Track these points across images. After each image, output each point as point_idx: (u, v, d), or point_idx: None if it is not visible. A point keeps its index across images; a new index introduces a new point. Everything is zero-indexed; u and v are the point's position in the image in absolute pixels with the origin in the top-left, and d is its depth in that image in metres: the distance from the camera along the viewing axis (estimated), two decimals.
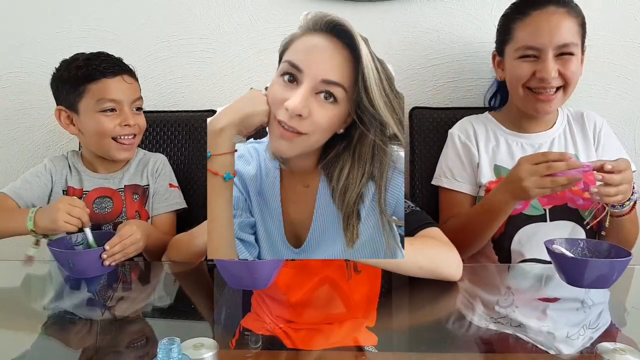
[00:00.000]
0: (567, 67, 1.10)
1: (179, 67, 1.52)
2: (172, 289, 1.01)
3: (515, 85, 1.16)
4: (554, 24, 1.09)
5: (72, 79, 1.17)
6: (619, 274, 0.82)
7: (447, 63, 1.46)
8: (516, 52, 1.14)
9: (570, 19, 1.10)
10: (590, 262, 0.83)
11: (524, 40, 1.12)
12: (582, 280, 0.82)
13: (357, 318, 0.82)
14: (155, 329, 0.80)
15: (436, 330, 0.80)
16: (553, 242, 0.89)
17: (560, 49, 1.10)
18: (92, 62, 1.17)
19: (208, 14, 1.49)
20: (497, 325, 0.77)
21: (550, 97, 1.12)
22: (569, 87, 1.12)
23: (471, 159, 1.22)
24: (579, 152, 1.20)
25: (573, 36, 1.10)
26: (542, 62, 1.10)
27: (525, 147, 1.21)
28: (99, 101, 1.16)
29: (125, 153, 1.22)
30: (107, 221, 1.22)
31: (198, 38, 1.50)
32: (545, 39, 1.09)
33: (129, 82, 1.20)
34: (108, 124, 1.17)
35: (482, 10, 1.42)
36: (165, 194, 1.27)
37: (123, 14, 1.51)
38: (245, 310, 0.86)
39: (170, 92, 1.54)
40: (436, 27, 1.44)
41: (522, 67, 1.13)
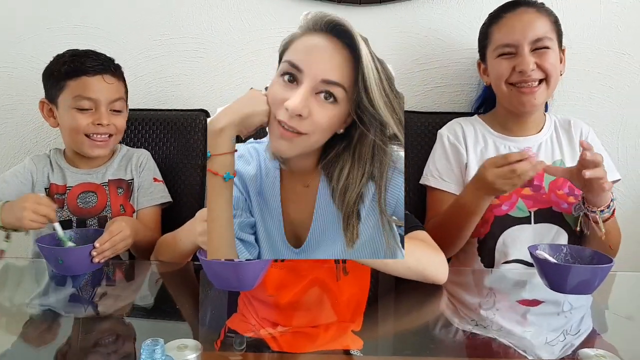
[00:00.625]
0: (544, 59, 1.15)
1: (170, 65, 1.52)
2: (156, 289, 1.01)
3: (498, 84, 1.20)
4: (526, 21, 1.16)
5: (55, 73, 1.19)
6: (601, 280, 0.83)
7: (435, 69, 1.47)
8: (494, 51, 1.20)
9: (541, 17, 1.17)
10: (572, 268, 0.84)
11: (500, 39, 1.19)
12: (565, 286, 0.84)
13: (343, 322, 0.82)
14: (138, 329, 0.79)
15: (421, 335, 0.81)
16: (537, 247, 0.91)
17: (535, 44, 1.15)
18: (77, 59, 1.19)
19: (200, 13, 1.48)
20: (480, 330, 0.78)
21: (534, 89, 1.16)
22: (550, 79, 1.16)
23: (459, 159, 1.24)
24: (565, 157, 1.22)
25: (546, 32, 1.16)
26: (519, 56, 1.15)
27: (513, 151, 1.19)
28: (75, 98, 1.17)
29: (98, 150, 1.22)
30: (91, 215, 1.23)
31: (190, 37, 1.50)
32: (519, 35, 1.15)
33: (109, 82, 1.20)
34: (81, 121, 1.18)
35: (470, 17, 1.44)
36: (149, 187, 1.28)
37: (114, 12, 1.50)
38: (230, 311, 0.86)
39: (160, 91, 1.53)
40: (425, 33, 1.46)
41: (501, 64, 1.18)
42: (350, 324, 0.81)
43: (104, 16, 1.50)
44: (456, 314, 0.86)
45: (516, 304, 0.92)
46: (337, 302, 0.90)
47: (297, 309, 0.87)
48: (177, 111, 1.47)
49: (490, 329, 0.77)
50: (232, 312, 0.85)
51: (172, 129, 1.43)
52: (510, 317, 0.83)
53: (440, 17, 1.45)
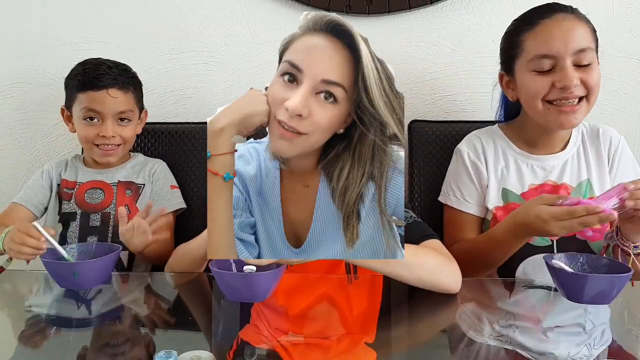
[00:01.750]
0: (589, 74, 1.02)
1: (181, 79, 1.54)
2: (170, 299, 1.01)
3: (532, 102, 1.07)
4: (566, 29, 1.02)
5: (70, 84, 1.27)
6: (619, 289, 0.81)
7: (445, 77, 1.47)
8: (529, 64, 1.05)
9: (582, 25, 1.04)
10: (590, 278, 0.82)
11: (536, 49, 1.04)
12: (582, 296, 0.82)
13: (356, 334, 0.81)
14: (152, 340, 0.79)
15: (436, 347, 0.79)
16: (552, 257, 0.89)
17: (577, 55, 1.02)
18: (89, 73, 1.24)
19: (210, 27, 1.50)
20: (498, 342, 0.76)
21: (575, 107, 1.04)
22: (592, 96, 1.04)
23: (481, 179, 1.17)
24: (592, 176, 1.14)
25: (588, 41, 1.03)
26: (560, 70, 1.02)
27: (536, 170, 1.15)
28: (83, 109, 1.24)
29: (106, 158, 1.29)
30: (96, 210, 1.27)
31: (200, 51, 1.52)
32: (561, 44, 1.01)
33: (114, 96, 1.24)
34: (88, 133, 1.25)
35: (480, 25, 1.44)
36: (166, 195, 1.31)
37: (125, 27, 1.52)
38: (243, 321, 0.86)
39: (171, 104, 1.55)
40: (434, 42, 1.46)
41: (538, 80, 1.04)
42: (363, 335, 0.80)
43: (115, 31, 1.53)
44: (473, 326, 0.84)
45: (536, 316, 0.90)
46: (350, 310, 0.89)
47: (309, 319, 0.86)
48: (189, 124, 1.48)
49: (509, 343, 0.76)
50: (245, 322, 0.85)
51: (184, 142, 1.44)
52: (529, 331, 0.81)
53: (450, 26, 1.45)
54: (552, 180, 1.14)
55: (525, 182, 1.15)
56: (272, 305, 0.87)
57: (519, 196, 1.14)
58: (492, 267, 1.10)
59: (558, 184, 1.13)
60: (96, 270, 0.94)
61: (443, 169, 1.29)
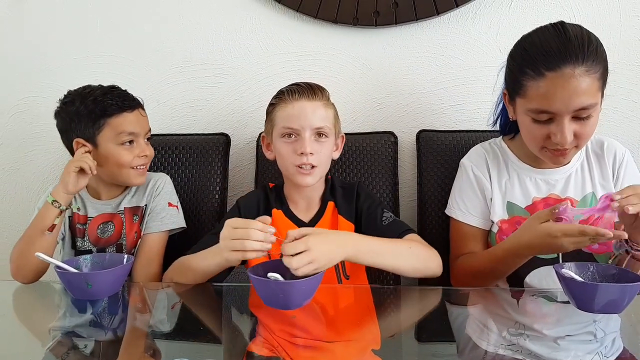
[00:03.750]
0: (584, 127, 1.00)
1: (191, 91, 1.56)
2: (176, 311, 1.01)
3: (528, 142, 1.09)
4: (571, 89, 0.96)
5: (90, 113, 1.19)
6: (630, 298, 0.81)
7: (453, 87, 1.48)
8: (528, 112, 1.03)
9: (589, 78, 0.96)
10: (600, 287, 0.82)
11: (537, 103, 1.00)
12: (593, 305, 0.81)
13: (362, 340, 0.82)
14: (163, 350, 0.80)
15: (442, 356, 0.79)
16: (562, 266, 0.89)
17: (577, 112, 0.98)
18: (109, 97, 1.20)
19: (219, 40, 1.53)
20: (508, 351, 0.76)
21: (565, 151, 1.04)
22: (583, 142, 1.04)
23: (484, 192, 1.18)
24: (596, 189, 1.14)
25: (592, 97, 0.97)
26: (557, 125, 1.00)
27: (539, 184, 1.15)
28: (120, 134, 1.20)
29: (141, 178, 1.26)
30: (110, 244, 1.25)
31: (210, 64, 1.54)
32: (562, 105, 0.97)
33: (143, 115, 1.25)
34: (127, 156, 1.21)
35: (487, 36, 1.45)
36: (161, 212, 1.27)
37: (137, 41, 1.56)
38: (252, 332, 0.86)
39: (182, 116, 1.58)
40: (441, 52, 1.47)
41: (535, 128, 1.03)
42: (369, 342, 0.80)
43: (127, 45, 1.56)
44: (483, 335, 0.84)
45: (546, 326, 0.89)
46: (344, 309, 0.94)
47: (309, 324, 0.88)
48: (199, 135, 1.51)
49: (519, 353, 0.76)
50: (254, 333, 0.85)
51: (194, 153, 1.46)
52: (540, 338, 0.81)
53: (457, 37, 1.46)
54: (556, 194, 1.14)
55: (529, 195, 1.15)
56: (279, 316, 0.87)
57: (524, 209, 1.14)
58: (498, 280, 1.11)
59: (562, 198, 1.13)
60: (109, 281, 0.95)
61: (451, 179, 1.29)
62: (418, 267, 1.02)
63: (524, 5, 1.42)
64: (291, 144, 1.11)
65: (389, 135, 1.45)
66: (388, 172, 1.41)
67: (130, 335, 0.85)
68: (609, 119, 1.43)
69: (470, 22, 1.45)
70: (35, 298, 1.11)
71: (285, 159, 1.12)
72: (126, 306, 1.00)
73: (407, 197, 1.50)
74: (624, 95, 1.42)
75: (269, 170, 1.43)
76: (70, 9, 1.56)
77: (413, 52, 1.48)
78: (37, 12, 1.57)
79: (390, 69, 1.49)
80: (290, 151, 1.11)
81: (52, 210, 1.13)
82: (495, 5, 1.43)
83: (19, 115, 1.62)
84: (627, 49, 1.41)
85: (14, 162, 1.63)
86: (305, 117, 1.10)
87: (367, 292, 1.05)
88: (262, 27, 1.51)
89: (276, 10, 1.50)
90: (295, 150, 1.10)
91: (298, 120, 1.10)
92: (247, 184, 1.56)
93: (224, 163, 1.45)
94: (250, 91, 1.54)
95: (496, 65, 1.29)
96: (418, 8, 1.42)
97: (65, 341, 0.84)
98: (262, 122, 1.21)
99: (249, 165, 1.56)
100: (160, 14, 1.54)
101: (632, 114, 1.43)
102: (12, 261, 1.14)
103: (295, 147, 1.10)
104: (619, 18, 1.41)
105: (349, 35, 1.48)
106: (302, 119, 1.10)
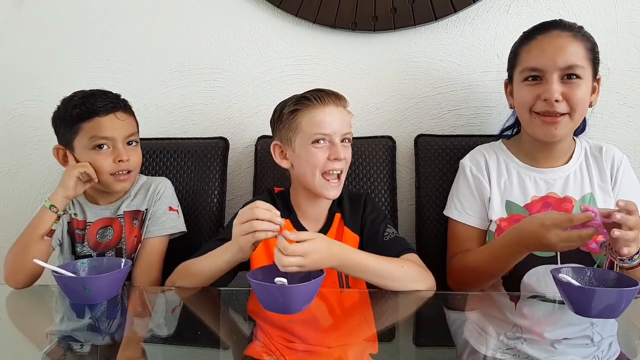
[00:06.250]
0: (572, 90, 1.07)
1: (190, 95, 1.56)
2: (176, 315, 1.01)
3: (522, 110, 1.14)
4: (558, 46, 1.08)
5: (68, 117, 1.19)
6: (627, 303, 0.81)
7: (451, 92, 1.49)
8: (521, 74, 1.13)
9: (576, 42, 1.08)
10: (597, 292, 0.82)
11: (527, 62, 1.11)
12: (590, 310, 0.82)
13: (360, 344, 0.82)
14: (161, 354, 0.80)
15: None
16: (559, 270, 0.89)
17: (565, 71, 1.07)
18: (88, 101, 1.18)
19: (218, 45, 1.53)
20: (506, 355, 0.76)
21: (556, 119, 1.08)
22: (576, 113, 1.09)
23: (482, 192, 1.20)
24: (595, 190, 1.15)
25: (579, 59, 1.07)
26: (545, 83, 1.08)
27: (539, 182, 1.17)
28: (92, 138, 1.17)
29: (122, 184, 1.22)
30: (109, 248, 1.25)
31: (208, 68, 1.55)
32: (549, 60, 1.07)
33: (121, 118, 1.21)
34: (102, 162, 1.18)
35: (485, 40, 1.45)
36: (162, 217, 1.26)
37: (135, 45, 1.56)
38: (250, 337, 0.86)
39: (180, 120, 1.58)
40: (440, 57, 1.48)
41: (526, 90, 1.11)
42: (367, 347, 0.80)
43: (125, 49, 1.56)
44: (480, 339, 0.84)
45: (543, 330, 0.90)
46: (342, 314, 0.94)
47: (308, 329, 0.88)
48: (197, 139, 1.51)
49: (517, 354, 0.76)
50: (252, 338, 0.85)
51: (192, 157, 1.46)
52: (537, 342, 0.81)
53: (455, 42, 1.46)
54: (555, 193, 1.15)
55: (528, 194, 1.16)
56: (277, 320, 0.87)
57: (523, 208, 1.15)
58: (494, 279, 1.12)
59: (561, 197, 1.14)
60: (107, 285, 0.95)
61: (449, 183, 1.30)
62: (408, 285, 0.99)
63: (521, 11, 1.43)
64: (322, 149, 1.09)
65: (387, 139, 1.46)
66: (386, 176, 1.42)
67: (128, 340, 0.85)
68: (606, 124, 1.44)
69: (468, 27, 1.46)
70: (32, 302, 1.11)
71: (314, 165, 1.09)
72: (125, 310, 1.00)
73: (405, 202, 1.50)
74: (621, 100, 1.43)
75: (267, 175, 1.43)
76: (70, 13, 1.56)
77: (411, 57, 1.48)
78: (37, 16, 1.58)
79: (388, 74, 1.50)
80: (322, 157, 1.09)
81: (49, 215, 1.12)
82: (493, 10, 1.44)
83: (17, 119, 1.62)
84: (623, 54, 1.42)
85: (12, 165, 1.63)
86: (337, 123, 1.09)
87: (365, 297, 1.05)
88: (261, 31, 1.52)
89: (275, 15, 1.50)
90: (327, 156, 1.09)
91: (331, 126, 1.08)
92: (246, 188, 1.56)
93: (223, 167, 1.45)
94: (249, 95, 1.54)
95: (494, 70, 1.30)
96: (416, 13, 1.43)
97: (63, 345, 0.83)
98: (261, 126, 1.21)
99: (247, 169, 1.56)
100: (160, 18, 1.54)
101: (629, 119, 1.44)
102: (5, 266, 1.13)
103: (327, 153, 1.09)
104: (616, 24, 1.42)
105: (347, 40, 1.49)
106: (335, 124, 1.09)
